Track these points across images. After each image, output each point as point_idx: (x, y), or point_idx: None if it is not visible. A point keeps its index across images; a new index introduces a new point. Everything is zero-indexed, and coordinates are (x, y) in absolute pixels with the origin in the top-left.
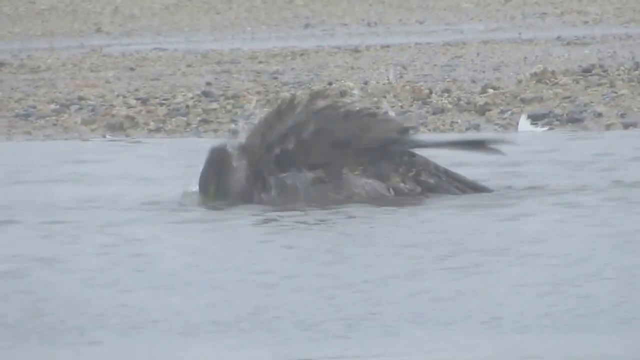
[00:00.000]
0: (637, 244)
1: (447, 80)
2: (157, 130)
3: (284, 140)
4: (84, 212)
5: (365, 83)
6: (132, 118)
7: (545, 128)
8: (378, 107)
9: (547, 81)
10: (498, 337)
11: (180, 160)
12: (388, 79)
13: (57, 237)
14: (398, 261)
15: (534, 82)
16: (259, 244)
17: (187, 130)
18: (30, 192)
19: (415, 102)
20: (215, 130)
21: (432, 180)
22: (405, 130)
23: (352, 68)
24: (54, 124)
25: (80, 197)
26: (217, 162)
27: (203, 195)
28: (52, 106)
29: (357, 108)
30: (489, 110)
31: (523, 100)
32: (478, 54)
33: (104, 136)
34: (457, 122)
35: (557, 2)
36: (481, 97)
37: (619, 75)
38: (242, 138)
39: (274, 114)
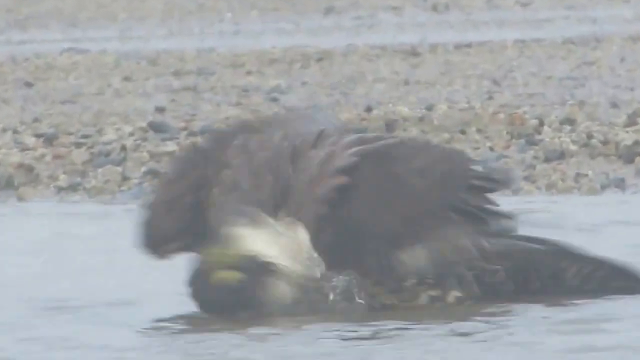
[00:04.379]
0: None
1: (570, 102)
2: (72, 188)
3: None
4: None
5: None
6: (29, 168)
7: None
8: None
9: None
10: None
11: None
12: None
13: None
14: None
15: None
16: None
17: (123, 188)
18: None
19: (514, 139)
20: None
21: None
22: None
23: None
24: None
25: None
26: None
27: None
28: None
29: None
30: None
31: None
32: (622, 59)
33: None
34: (586, 175)
35: None
36: (628, 131)
37: None
38: None
39: None
